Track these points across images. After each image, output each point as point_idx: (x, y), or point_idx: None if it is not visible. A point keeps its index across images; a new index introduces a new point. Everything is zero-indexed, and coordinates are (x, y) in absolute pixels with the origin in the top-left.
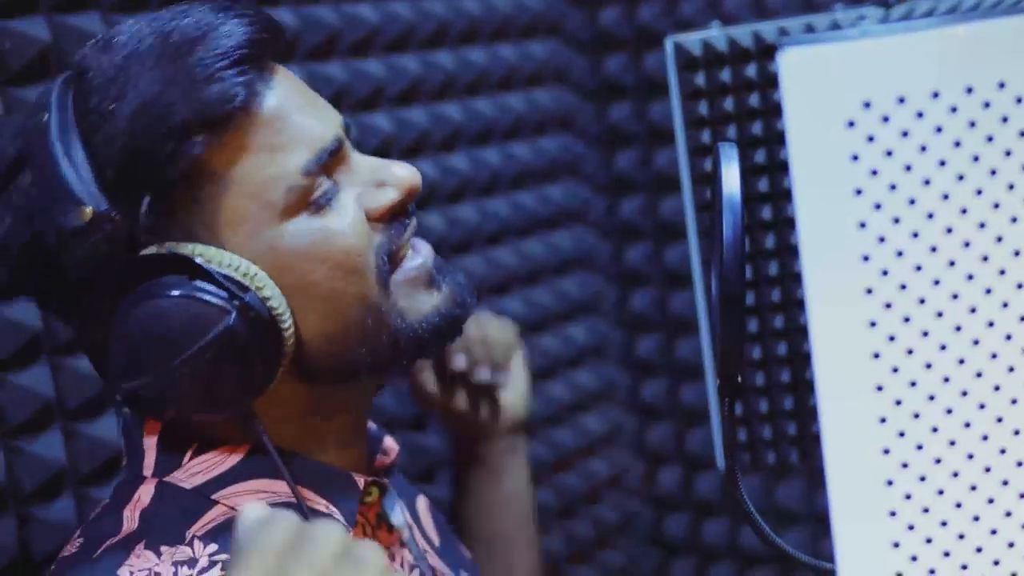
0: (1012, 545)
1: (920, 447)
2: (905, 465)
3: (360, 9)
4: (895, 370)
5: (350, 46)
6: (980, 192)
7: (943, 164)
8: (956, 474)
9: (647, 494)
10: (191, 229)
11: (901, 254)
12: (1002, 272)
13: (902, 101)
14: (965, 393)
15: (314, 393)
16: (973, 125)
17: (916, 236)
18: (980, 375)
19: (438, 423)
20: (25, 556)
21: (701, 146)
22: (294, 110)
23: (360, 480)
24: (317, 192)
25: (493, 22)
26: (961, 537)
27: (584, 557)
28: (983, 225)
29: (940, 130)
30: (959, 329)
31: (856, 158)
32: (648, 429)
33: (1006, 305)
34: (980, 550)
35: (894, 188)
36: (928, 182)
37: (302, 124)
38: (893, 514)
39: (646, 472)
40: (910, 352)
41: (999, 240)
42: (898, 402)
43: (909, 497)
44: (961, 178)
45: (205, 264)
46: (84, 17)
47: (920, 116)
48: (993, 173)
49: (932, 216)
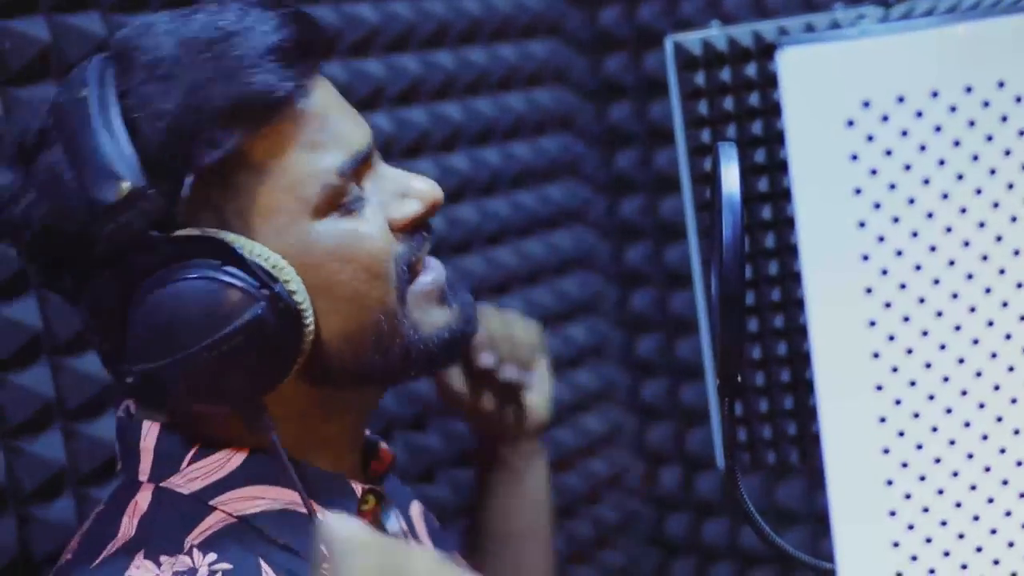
0: (1012, 544)
1: (920, 447)
2: (905, 465)
3: (360, 9)
4: (895, 370)
5: (350, 46)
6: (980, 191)
7: (942, 163)
8: (956, 474)
9: (647, 494)
10: (224, 216)
11: (901, 253)
12: (1002, 271)
13: (901, 100)
14: (965, 393)
15: (319, 396)
16: (972, 124)
17: (916, 235)
18: (980, 374)
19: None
20: (25, 556)
21: (701, 146)
22: (333, 112)
23: (358, 487)
24: (348, 195)
25: (493, 22)
26: (961, 537)
27: (584, 557)
28: (983, 224)
29: (939, 129)
30: (959, 328)
31: (855, 157)
32: (648, 429)
33: (1006, 304)
34: (980, 550)
35: (893, 187)
36: (927, 181)
37: (340, 126)
38: (893, 514)
39: (646, 472)
40: (910, 352)
41: (999, 239)
42: (898, 402)
43: (909, 497)
44: (960, 177)
45: (240, 250)
46: (84, 17)
47: (919, 115)
48: (992, 172)
49: (932, 215)
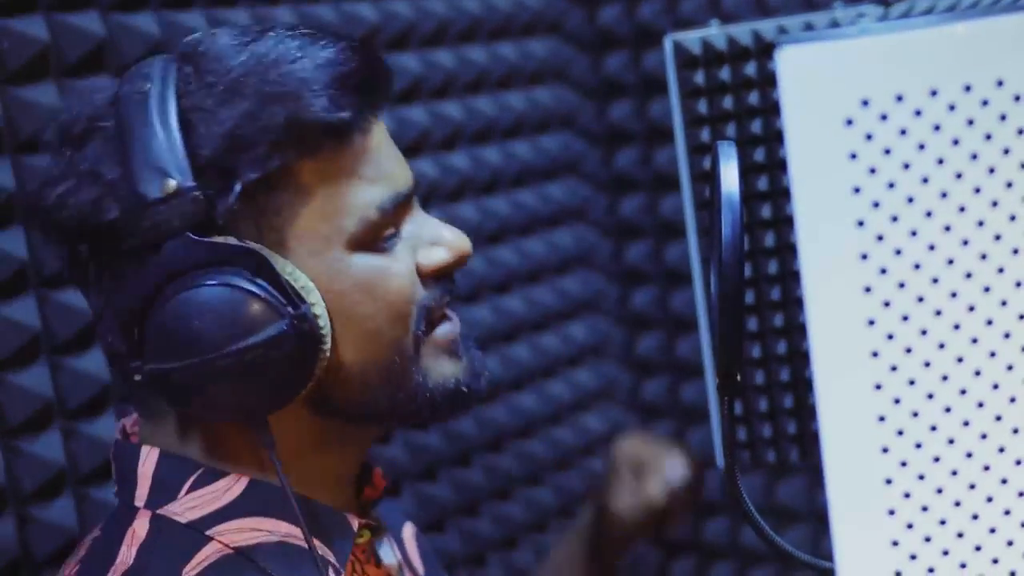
0: (1011, 543)
1: (919, 446)
2: (904, 464)
3: (360, 8)
4: (894, 368)
5: None
6: (978, 190)
7: (941, 162)
8: (955, 472)
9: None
10: (262, 231)
11: (899, 252)
12: (1000, 270)
13: (900, 99)
14: (964, 391)
15: (322, 427)
16: (971, 123)
17: (914, 234)
18: (979, 373)
19: (445, 426)
20: (25, 556)
21: (701, 144)
22: (385, 151)
23: (355, 522)
24: (385, 233)
25: (493, 20)
26: (960, 536)
27: None
28: (981, 223)
29: (938, 128)
30: (957, 327)
31: (854, 156)
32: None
33: (1004, 303)
34: (979, 548)
35: (892, 186)
36: (926, 180)
37: (388, 165)
38: (892, 513)
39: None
40: (909, 351)
41: (997, 238)
42: (897, 400)
43: (908, 496)
44: (959, 176)
45: (273, 266)
46: (83, 16)
47: (918, 114)
48: (991, 171)
49: (930, 214)
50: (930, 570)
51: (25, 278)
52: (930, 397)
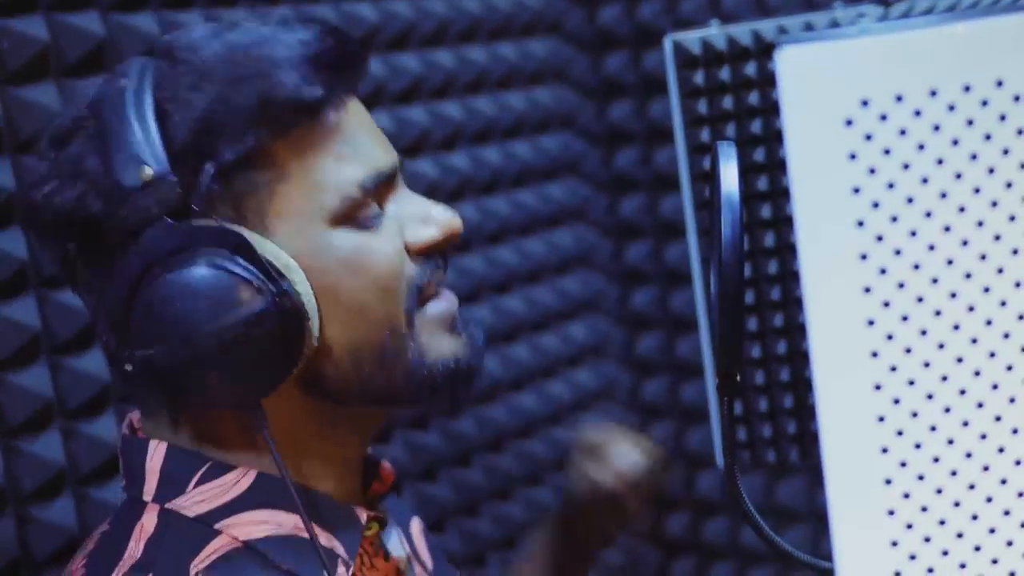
0: (1010, 544)
1: (918, 446)
2: (903, 464)
3: (360, 8)
4: (893, 369)
5: None
6: (978, 190)
7: (941, 162)
8: (954, 473)
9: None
10: (242, 213)
11: (899, 252)
12: (1000, 271)
13: (900, 99)
14: (963, 392)
15: (320, 411)
16: (971, 123)
17: (914, 234)
18: (978, 374)
19: (446, 426)
20: (25, 556)
21: (700, 144)
22: (362, 131)
23: (363, 515)
24: (367, 210)
25: (493, 20)
26: (959, 536)
27: None
28: (981, 223)
29: (938, 128)
30: (957, 328)
31: (854, 156)
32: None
33: (1004, 304)
34: (978, 549)
35: (892, 186)
36: (926, 180)
37: (367, 144)
38: (892, 513)
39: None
40: (908, 351)
41: (997, 238)
42: (896, 401)
43: (907, 496)
44: (959, 176)
45: (252, 245)
46: (83, 16)
47: (918, 114)
48: (991, 171)
49: (930, 215)
50: (929, 570)
51: (25, 278)
52: (930, 397)
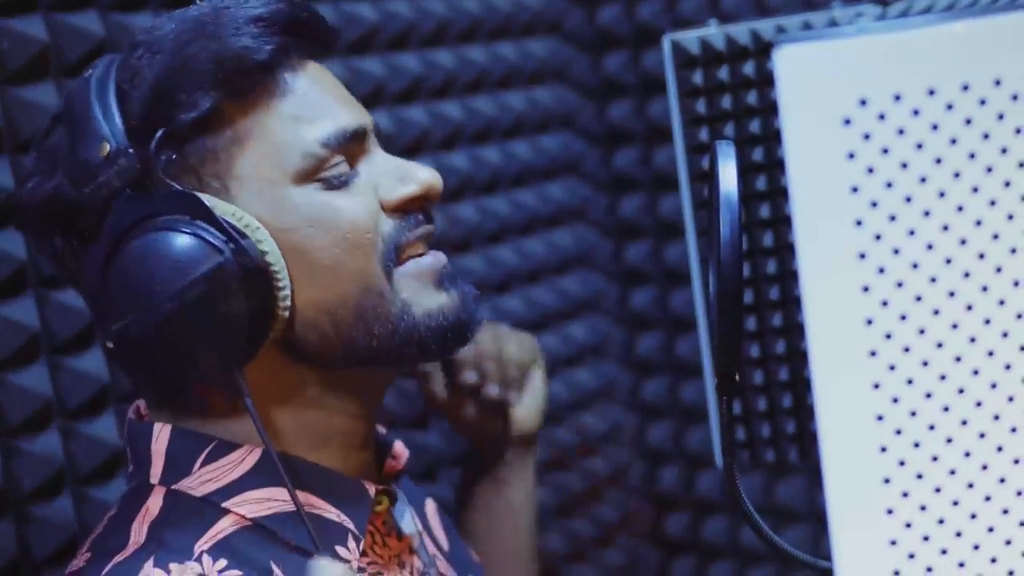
0: (1009, 542)
1: (917, 445)
2: (902, 463)
3: (360, 7)
4: (892, 368)
5: (349, 44)
6: (976, 189)
7: (939, 162)
8: (953, 472)
9: (647, 492)
10: (203, 179)
11: (898, 252)
12: (998, 270)
13: (898, 99)
14: (962, 391)
15: (313, 381)
16: (969, 122)
17: (912, 234)
18: (977, 373)
19: (446, 426)
20: (25, 556)
21: (699, 144)
22: (322, 91)
23: (371, 488)
24: (332, 169)
25: (493, 20)
26: (958, 535)
27: (584, 556)
28: (979, 223)
29: (936, 128)
30: (955, 327)
31: (852, 156)
32: (648, 427)
33: (1002, 303)
34: (977, 547)
35: (890, 186)
36: (924, 180)
37: (327, 104)
38: (890, 512)
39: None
40: (907, 350)
41: (995, 238)
42: (895, 400)
43: (906, 495)
44: (957, 176)
45: (208, 204)
46: (82, 16)
47: (916, 114)
48: (989, 170)
49: (928, 214)
50: (928, 569)
51: (25, 278)
52: (928, 396)
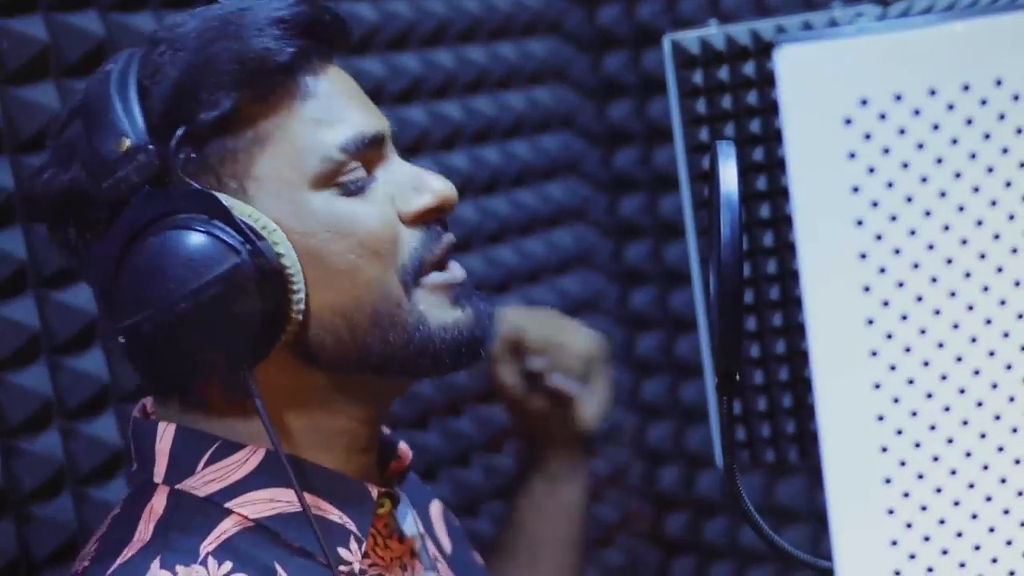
0: (1010, 543)
1: (918, 445)
2: (903, 463)
3: (360, 7)
4: (893, 368)
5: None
6: (977, 189)
7: (940, 162)
8: (954, 472)
9: (647, 492)
10: (221, 179)
11: (898, 252)
12: (999, 270)
13: (899, 99)
14: (962, 391)
15: (324, 386)
16: (970, 122)
17: (913, 234)
18: (977, 373)
19: (446, 425)
20: (25, 556)
21: (699, 144)
22: (343, 96)
23: (374, 491)
24: (350, 174)
25: (493, 20)
26: (959, 535)
27: (584, 556)
28: (980, 223)
29: (937, 127)
30: (956, 327)
31: (853, 156)
32: (648, 427)
33: (1003, 303)
34: (978, 548)
35: (891, 186)
36: (925, 179)
37: (347, 108)
38: (891, 512)
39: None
40: (908, 350)
41: (996, 238)
42: (896, 400)
43: (907, 495)
44: (958, 175)
45: (226, 205)
46: (82, 16)
47: (917, 114)
48: (990, 170)
49: (929, 214)
50: (929, 569)
51: (25, 278)
52: (929, 396)
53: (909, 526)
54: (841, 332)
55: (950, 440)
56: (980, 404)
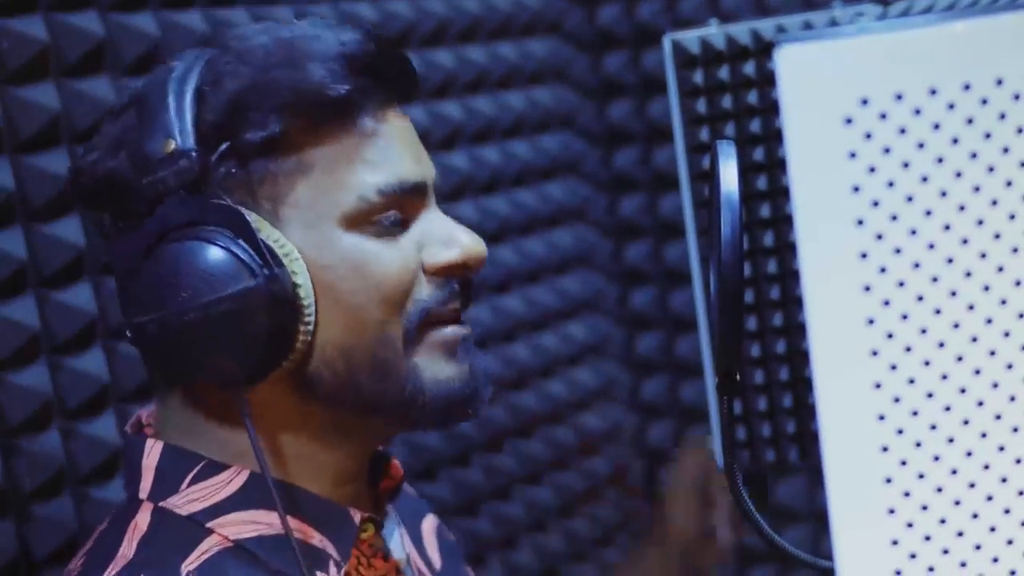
0: (1011, 542)
1: (919, 444)
2: (904, 463)
3: (359, 7)
4: (893, 367)
5: None
6: (978, 189)
7: (940, 161)
8: (954, 471)
9: (647, 492)
10: (257, 199)
11: (899, 251)
12: (1000, 269)
13: (900, 98)
14: (963, 390)
15: (315, 417)
16: (971, 122)
17: (914, 233)
18: (978, 372)
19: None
20: (25, 556)
21: (700, 144)
22: (395, 141)
23: (356, 516)
24: (384, 217)
25: (493, 20)
26: (960, 534)
27: (584, 556)
28: (981, 222)
29: (938, 127)
30: (957, 326)
31: (854, 155)
32: (648, 427)
33: (1004, 302)
34: (979, 547)
35: (891, 185)
36: (925, 179)
37: (396, 153)
38: (892, 512)
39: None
40: (908, 349)
41: (996, 237)
42: (896, 399)
43: (908, 495)
44: (959, 175)
45: (253, 225)
46: (82, 16)
47: (918, 113)
48: (991, 170)
49: (930, 213)
50: (930, 569)
51: (25, 278)
52: (930, 396)
53: (910, 526)
54: (842, 332)
55: (951, 439)
56: (981, 403)
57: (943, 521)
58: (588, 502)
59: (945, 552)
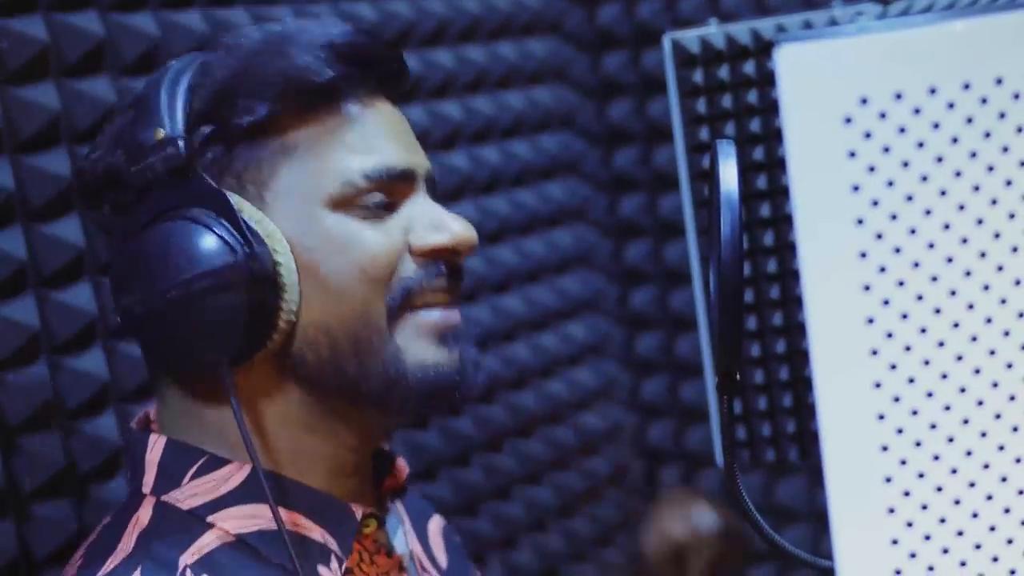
0: (1011, 542)
1: (918, 444)
2: (903, 462)
3: (360, 7)
4: (893, 367)
5: None
6: (977, 188)
7: (940, 160)
8: (954, 471)
9: (647, 492)
10: (243, 183)
11: (898, 251)
12: (999, 268)
13: (899, 97)
14: (963, 390)
15: (304, 400)
16: (970, 121)
17: (913, 233)
18: (978, 372)
19: (446, 426)
20: (25, 556)
21: (700, 143)
22: (383, 128)
23: (358, 511)
24: (368, 201)
25: (493, 20)
26: (960, 534)
27: (584, 556)
28: (980, 222)
29: (937, 126)
30: (956, 326)
31: (853, 155)
32: (648, 427)
33: (1004, 302)
34: (979, 547)
35: (891, 184)
36: (925, 178)
37: (384, 141)
38: (892, 511)
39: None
40: (908, 349)
41: (996, 236)
42: (896, 399)
43: (908, 494)
44: (958, 174)
45: (235, 206)
46: (82, 16)
47: (917, 112)
48: (990, 169)
49: (929, 212)
50: (930, 568)
51: (25, 278)
52: (929, 395)
53: (910, 525)
54: (841, 331)
55: (950, 439)
56: (980, 403)
57: (943, 520)
58: (588, 502)
59: (945, 551)
